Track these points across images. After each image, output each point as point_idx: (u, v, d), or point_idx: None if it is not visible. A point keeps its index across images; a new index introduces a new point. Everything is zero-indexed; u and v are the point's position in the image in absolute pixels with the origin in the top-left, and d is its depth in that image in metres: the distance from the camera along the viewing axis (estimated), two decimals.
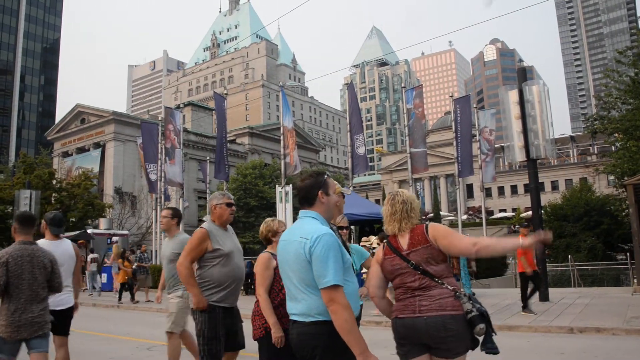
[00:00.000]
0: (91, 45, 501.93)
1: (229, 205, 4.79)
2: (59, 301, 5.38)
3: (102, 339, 10.45)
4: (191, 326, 4.93)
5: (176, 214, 6.27)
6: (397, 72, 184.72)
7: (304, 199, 3.14)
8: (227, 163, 22.27)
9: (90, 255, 24.35)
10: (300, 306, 2.97)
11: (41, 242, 5.25)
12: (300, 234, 2.98)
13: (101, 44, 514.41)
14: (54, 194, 34.23)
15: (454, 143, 21.32)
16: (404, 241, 3.43)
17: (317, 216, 3.08)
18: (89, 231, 28.65)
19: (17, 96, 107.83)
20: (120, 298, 18.12)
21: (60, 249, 5.45)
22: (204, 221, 5.10)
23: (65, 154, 54.93)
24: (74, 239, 26.78)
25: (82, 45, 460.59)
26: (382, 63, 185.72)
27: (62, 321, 5.43)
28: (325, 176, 3.16)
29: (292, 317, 3.05)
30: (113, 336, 10.68)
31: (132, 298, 17.95)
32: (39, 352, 4.46)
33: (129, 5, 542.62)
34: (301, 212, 3.13)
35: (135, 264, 19.20)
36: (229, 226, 4.89)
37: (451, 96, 23.78)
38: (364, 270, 4.96)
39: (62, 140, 55.92)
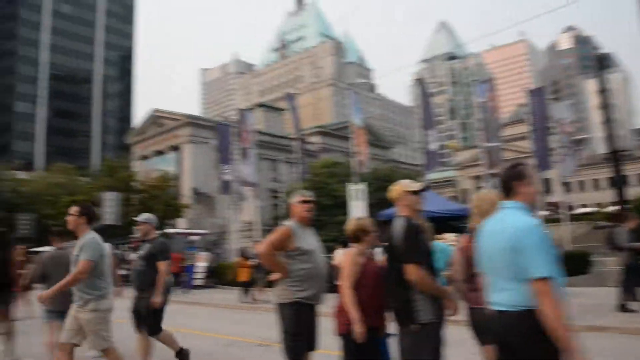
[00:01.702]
0: (165, 50, 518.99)
1: (304, 202, 4.87)
2: None
3: (185, 334, 10.78)
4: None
5: (84, 212, 5.49)
6: (467, 66, 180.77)
7: (503, 190, 3.18)
8: (303, 162, 22.54)
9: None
10: (506, 296, 2.97)
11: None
12: (509, 224, 2.99)
13: (174, 49, 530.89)
14: (135, 196, 35.65)
15: (529, 136, 20.71)
16: None
17: (520, 206, 3.08)
18: (168, 231, 29.62)
19: (98, 103, 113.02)
20: (247, 297, 17.24)
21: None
22: (279, 221, 5.23)
23: (144, 157, 57.02)
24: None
25: (156, 51, 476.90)
26: (452, 57, 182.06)
27: None
28: (521, 167, 3.18)
29: (496, 308, 3.04)
30: (195, 332, 11.02)
31: (250, 296, 17.28)
32: None
33: (199, 11, 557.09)
34: (504, 203, 3.16)
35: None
36: (309, 227, 4.94)
37: (525, 88, 23.11)
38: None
39: (141, 144, 58.08)
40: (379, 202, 37.58)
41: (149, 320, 6.48)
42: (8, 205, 55.56)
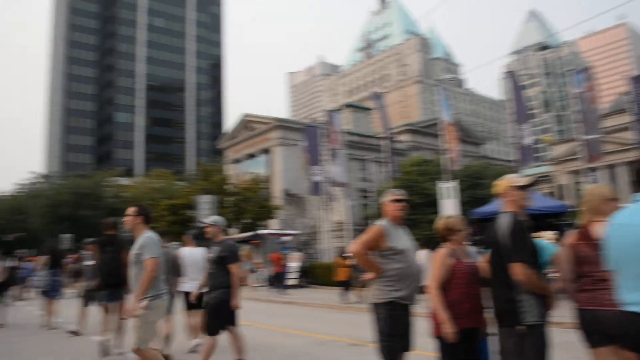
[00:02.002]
0: (252, 56, 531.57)
1: (395, 201, 4.83)
2: (189, 286, 8.28)
3: (280, 333, 11.00)
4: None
5: (141, 212, 5.65)
6: (560, 55, 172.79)
7: (636, 183, 3.03)
8: (392, 161, 22.42)
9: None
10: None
11: (185, 249, 8.88)
12: None
13: (261, 55, 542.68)
14: (228, 198, 36.74)
15: (633, 127, 19.52)
16: (594, 230, 3.27)
17: None
18: (261, 232, 30.27)
19: (191, 110, 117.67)
20: (346, 296, 16.96)
21: (195, 254, 8.80)
22: (369, 221, 5.23)
23: (236, 161, 58.65)
24: (247, 240, 28.49)
25: (244, 57, 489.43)
26: (544, 47, 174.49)
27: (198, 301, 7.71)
28: None
29: (630, 309, 2.82)
30: (288, 331, 11.21)
31: (350, 296, 17.33)
32: None
33: (284, 15, 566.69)
34: (637, 195, 2.98)
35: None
36: (402, 226, 4.90)
37: (626, 76, 21.80)
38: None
39: (233, 148, 59.79)
40: (471, 199, 36.79)
41: (210, 320, 6.55)
42: (111, 209, 58.96)
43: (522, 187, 3.97)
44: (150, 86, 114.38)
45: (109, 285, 8.33)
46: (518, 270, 3.65)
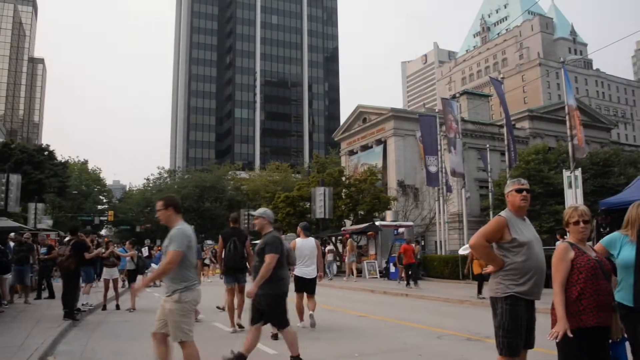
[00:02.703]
0: (365, 47, 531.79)
1: (518, 191, 4.55)
2: (308, 272, 10.11)
3: (393, 325, 10.90)
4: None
5: (169, 204, 5.51)
6: None
7: None
8: (512, 149, 21.55)
9: (328, 247, 27.48)
10: None
11: (297, 240, 10.21)
12: None
13: (374, 45, 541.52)
14: (343, 190, 37.01)
15: None
16: None
17: None
18: (376, 223, 30.23)
19: (307, 104, 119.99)
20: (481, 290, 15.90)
21: (308, 243, 10.22)
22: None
23: (351, 152, 58.97)
24: (363, 231, 28.66)
25: (357, 49, 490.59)
26: None
27: (310, 285, 10.22)
28: None
29: None
30: (404, 323, 11.07)
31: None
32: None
33: (397, 2, 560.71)
34: None
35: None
36: (525, 217, 4.64)
37: None
38: None
39: (347, 140, 60.17)
40: (598, 189, 34.50)
41: (269, 314, 6.49)
42: (232, 202, 61.62)
43: None
44: (267, 82, 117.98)
45: (233, 271, 9.89)
46: None
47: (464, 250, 19.82)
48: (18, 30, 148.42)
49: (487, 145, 31.40)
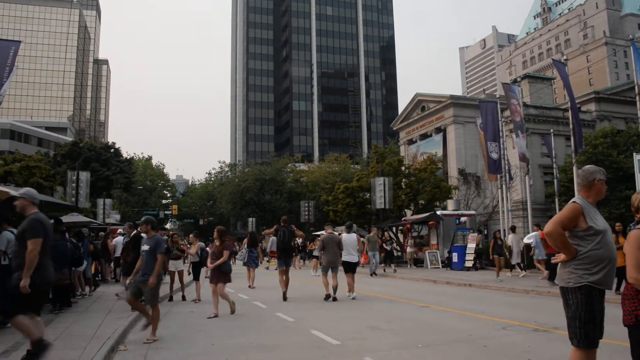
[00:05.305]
0: (421, 34, 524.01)
1: (599, 180, 4.42)
2: (351, 258, 14.04)
3: (457, 315, 10.74)
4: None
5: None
6: None
7: None
8: (578, 133, 20.80)
9: (361, 239, 27.46)
10: None
11: (343, 235, 14.26)
12: None
13: (430, 32, 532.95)
14: (403, 180, 36.69)
15: None
16: None
17: None
18: (438, 213, 29.88)
19: (364, 94, 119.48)
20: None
21: (350, 238, 14.29)
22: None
23: (410, 142, 58.34)
24: (424, 221, 28.44)
25: (412, 36, 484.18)
26: None
27: (353, 266, 14.06)
28: None
29: None
30: (468, 314, 10.89)
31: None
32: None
33: None
34: None
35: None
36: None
37: None
38: None
39: (406, 129, 59.51)
40: None
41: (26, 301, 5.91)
42: (291, 193, 62.16)
43: None
44: (323, 73, 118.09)
45: (285, 256, 13.87)
46: None
47: (528, 239, 19.34)
48: (83, 34, 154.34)
49: (551, 130, 30.41)
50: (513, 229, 21.13)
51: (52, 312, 10.84)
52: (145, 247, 8.43)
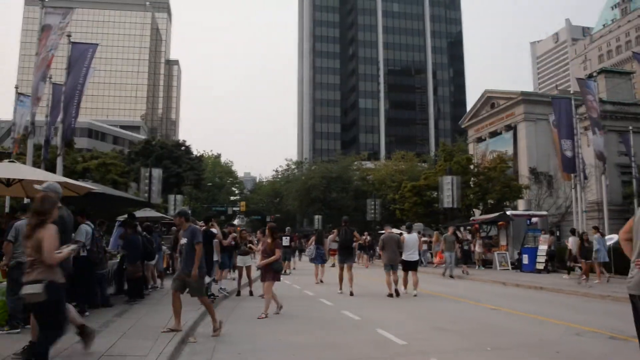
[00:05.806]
0: (490, 29, 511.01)
1: None
2: (412, 257, 14.58)
3: (528, 319, 10.44)
4: None
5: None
6: None
7: None
8: None
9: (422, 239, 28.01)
10: None
11: (405, 235, 15.05)
12: None
13: (499, 26, 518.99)
14: (472, 178, 35.99)
15: None
16: None
17: None
18: (508, 213, 29.14)
19: (431, 91, 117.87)
20: None
21: (412, 237, 15.03)
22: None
23: (479, 139, 57.11)
24: (493, 221, 27.75)
25: (481, 31, 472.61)
26: None
27: (413, 264, 14.67)
28: None
29: None
30: (539, 317, 10.55)
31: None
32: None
33: None
34: None
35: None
36: None
37: None
38: None
39: (475, 126, 58.30)
40: None
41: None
42: (358, 192, 62.08)
43: None
44: (390, 71, 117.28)
45: (345, 254, 15.03)
46: None
47: (610, 241, 18.59)
48: (155, 36, 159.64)
49: (630, 128, 29.08)
50: (597, 229, 20.08)
51: (127, 302, 11.36)
52: (183, 241, 8.38)
